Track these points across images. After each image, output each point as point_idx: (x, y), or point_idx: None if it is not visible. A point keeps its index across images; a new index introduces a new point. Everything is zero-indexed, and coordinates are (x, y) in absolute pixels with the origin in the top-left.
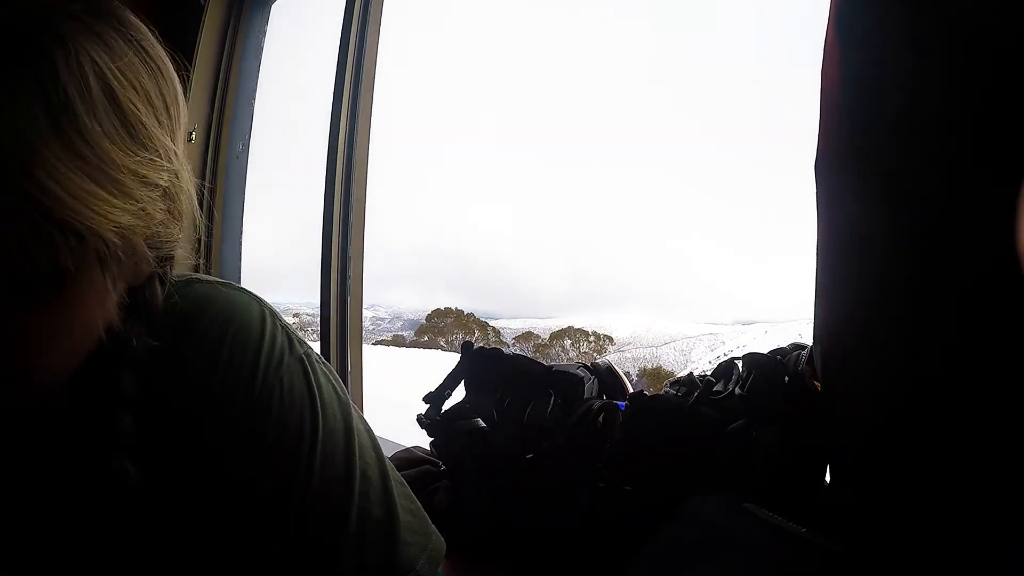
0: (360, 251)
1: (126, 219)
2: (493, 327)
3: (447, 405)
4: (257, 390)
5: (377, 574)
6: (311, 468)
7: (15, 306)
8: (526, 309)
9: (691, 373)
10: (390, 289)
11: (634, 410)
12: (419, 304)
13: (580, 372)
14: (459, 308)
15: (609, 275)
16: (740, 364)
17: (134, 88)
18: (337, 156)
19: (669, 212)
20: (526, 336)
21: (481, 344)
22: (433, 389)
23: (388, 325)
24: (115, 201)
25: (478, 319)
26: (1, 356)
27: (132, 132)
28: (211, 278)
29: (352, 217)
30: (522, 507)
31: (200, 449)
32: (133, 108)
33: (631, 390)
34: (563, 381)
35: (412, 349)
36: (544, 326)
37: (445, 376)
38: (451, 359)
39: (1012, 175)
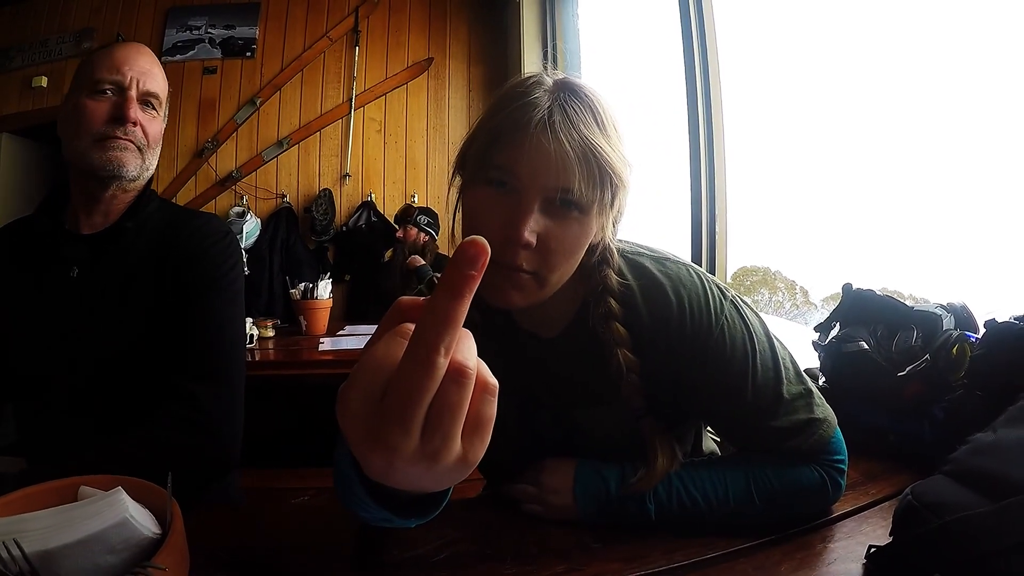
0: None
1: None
2: (801, 287)
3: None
4: (716, 329)
5: (803, 420)
6: (755, 369)
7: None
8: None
9: None
10: None
11: (988, 330)
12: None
13: (938, 311)
14: (765, 266)
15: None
16: None
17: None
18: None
19: None
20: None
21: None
22: (821, 321)
23: None
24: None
25: (784, 277)
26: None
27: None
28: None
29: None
30: (889, 415)
31: (678, 361)
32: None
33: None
34: (924, 317)
35: None
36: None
37: (831, 311)
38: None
39: None
